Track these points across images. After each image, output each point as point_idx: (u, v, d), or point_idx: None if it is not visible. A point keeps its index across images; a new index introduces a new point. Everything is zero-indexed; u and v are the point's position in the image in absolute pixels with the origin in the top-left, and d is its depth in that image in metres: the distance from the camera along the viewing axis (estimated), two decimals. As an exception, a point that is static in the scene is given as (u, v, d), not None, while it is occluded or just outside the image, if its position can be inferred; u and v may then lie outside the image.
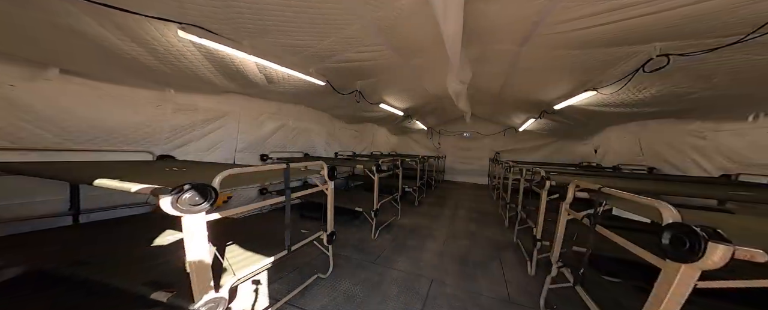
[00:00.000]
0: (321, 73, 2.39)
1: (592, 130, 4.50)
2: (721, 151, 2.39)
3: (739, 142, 2.22)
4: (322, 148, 4.27)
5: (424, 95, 4.22)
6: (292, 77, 2.29)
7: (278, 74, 2.21)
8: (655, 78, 1.94)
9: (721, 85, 1.79)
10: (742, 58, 1.44)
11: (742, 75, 1.60)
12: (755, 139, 2.09)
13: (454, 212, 3.75)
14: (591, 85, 2.41)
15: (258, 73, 2.08)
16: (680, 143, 2.81)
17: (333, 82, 2.68)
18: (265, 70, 2.06)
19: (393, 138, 7.56)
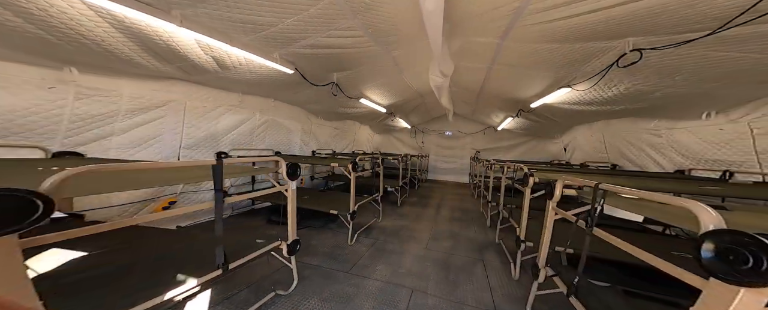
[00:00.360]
0: (288, 60, 2.09)
1: (562, 128, 4.73)
2: (675, 148, 2.55)
3: (691, 140, 2.37)
4: (298, 147, 3.91)
5: (406, 91, 4.07)
6: (251, 63, 1.96)
7: (233, 58, 1.87)
8: (624, 75, 1.98)
9: (682, 83, 1.87)
10: (702, 55, 1.48)
11: (701, 72, 1.67)
12: (705, 137, 2.24)
13: (437, 211, 3.65)
14: (566, 81, 2.43)
15: (203, 55, 1.73)
16: (639, 141, 2.98)
17: (304, 72, 2.39)
18: (213, 51, 1.71)
19: (376, 137, 7.36)
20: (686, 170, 2.44)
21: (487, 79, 3.22)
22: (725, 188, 1.39)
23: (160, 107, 2.04)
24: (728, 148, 2.06)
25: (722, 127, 2.06)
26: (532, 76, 2.63)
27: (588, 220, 0.80)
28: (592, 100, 2.65)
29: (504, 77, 2.96)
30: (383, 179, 4.25)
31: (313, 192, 3.26)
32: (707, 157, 2.25)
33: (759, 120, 1.83)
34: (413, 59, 2.95)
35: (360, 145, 6.12)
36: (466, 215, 3.52)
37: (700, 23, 1.25)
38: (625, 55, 1.60)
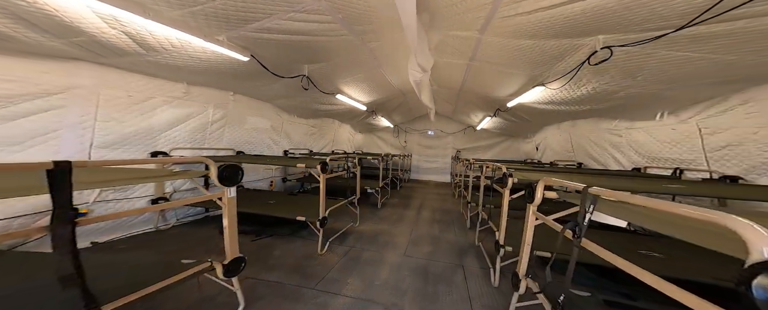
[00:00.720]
0: (241, 46, 1.78)
1: (534, 128, 4.94)
2: (634, 147, 2.69)
3: (647, 139, 2.51)
4: (266, 146, 3.53)
5: (387, 88, 3.90)
6: (189, 46, 1.63)
7: (159, 38, 1.53)
8: (592, 75, 2.02)
9: (642, 83, 1.94)
10: (663, 55, 1.52)
11: (660, 73, 1.72)
12: (659, 137, 2.38)
13: (418, 213, 3.54)
14: (540, 80, 2.45)
15: (109, 29, 1.37)
16: (601, 140, 3.14)
17: (265, 61, 2.09)
18: (123, 26, 1.36)
19: (358, 136, 7.11)
20: (643, 168, 2.59)
21: (466, 76, 3.18)
22: (689, 186, 1.43)
23: (55, 95, 1.60)
24: (679, 147, 2.20)
25: (674, 128, 2.20)
26: (509, 74, 2.62)
27: (576, 230, 0.69)
28: (562, 99, 2.71)
29: (483, 75, 2.93)
30: (363, 181, 4.06)
31: (281, 196, 2.94)
32: (661, 155, 2.39)
33: (706, 120, 1.95)
34: (392, 53, 2.78)
35: (340, 144, 5.83)
36: (447, 215, 3.46)
37: (666, 20, 1.25)
38: (596, 53, 1.59)
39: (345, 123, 5.81)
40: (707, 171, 1.96)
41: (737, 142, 1.74)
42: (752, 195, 1.18)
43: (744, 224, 0.35)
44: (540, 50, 1.92)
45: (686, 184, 1.50)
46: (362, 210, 3.49)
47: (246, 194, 2.92)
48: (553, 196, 0.91)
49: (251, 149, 3.30)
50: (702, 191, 1.29)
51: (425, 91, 3.53)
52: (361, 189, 3.60)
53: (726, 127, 1.81)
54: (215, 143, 2.77)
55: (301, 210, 2.19)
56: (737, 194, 1.21)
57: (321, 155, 4.39)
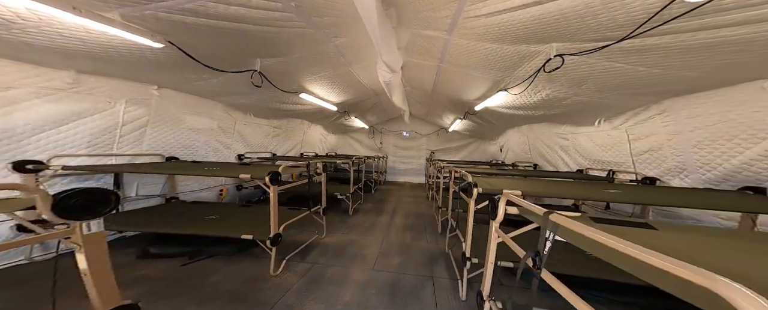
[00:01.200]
0: (152, 29, 1.42)
1: (499, 131, 5.25)
2: (578, 151, 2.97)
3: (588, 143, 2.78)
4: (212, 149, 3.05)
5: (358, 88, 3.71)
6: (58, 22, 1.24)
7: (15, 8, 1.11)
8: (547, 82, 2.13)
9: (586, 92, 2.11)
10: (605, 65, 1.64)
11: (602, 83, 1.86)
12: (597, 141, 2.63)
13: (391, 219, 3.43)
14: (503, 85, 2.53)
15: None
16: (553, 143, 3.43)
17: (194, 50, 1.74)
18: None
19: (331, 137, 6.77)
20: (585, 169, 2.87)
21: (437, 78, 3.17)
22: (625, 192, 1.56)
23: None
24: (612, 151, 2.45)
25: (609, 134, 2.46)
26: (476, 78, 2.66)
27: (536, 260, 0.61)
28: (521, 104, 2.87)
29: (452, 77, 2.94)
30: (333, 186, 3.80)
31: (229, 208, 2.52)
32: (599, 158, 2.65)
33: (633, 128, 2.19)
34: (361, 51, 2.62)
35: (311, 146, 5.46)
36: (420, 220, 3.41)
37: (611, 31, 1.32)
38: (550, 60, 1.66)
39: (316, 124, 5.45)
40: (634, 173, 2.21)
41: (656, 147, 1.97)
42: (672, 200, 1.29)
43: (734, 289, 0.27)
44: (502, 55, 1.95)
45: (621, 188, 1.63)
46: (331, 219, 3.25)
47: (178, 208, 2.41)
48: (515, 211, 0.85)
49: (190, 154, 2.81)
50: (635, 197, 1.41)
51: (397, 93, 3.44)
52: (330, 196, 3.37)
53: (647, 134, 2.05)
54: (132, 148, 2.26)
55: (251, 226, 1.89)
56: (662, 200, 1.32)
57: (286, 158, 4.02)
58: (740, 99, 1.46)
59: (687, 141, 1.73)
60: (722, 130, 1.55)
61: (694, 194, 1.46)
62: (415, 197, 4.95)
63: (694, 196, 1.40)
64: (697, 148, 1.67)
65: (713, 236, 0.75)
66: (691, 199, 1.27)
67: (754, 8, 0.91)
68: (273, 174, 1.64)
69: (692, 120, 1.68)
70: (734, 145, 1.48)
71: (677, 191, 1.66)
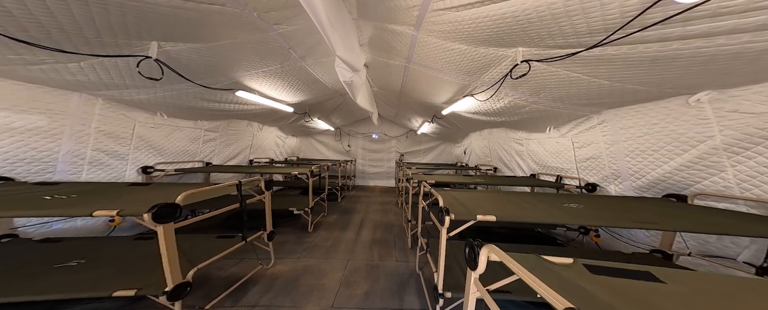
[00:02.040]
0: None
1: (463, 134, 5.46)
2: (531, 156, 3.14)
3: (539, 149, 2.94)
4: (86, 162, 2.10)
5: (318, 88, 3.27)
6: None
7: None
8: (510, 89, 2.13)
9: (542, 101, 2.20)
10: (562, 75, 1.67)
11: (557, 91, 1.92)
12: (548, 148, 2.79)
13: (358, 233, 3.10)
14: (469, 90, 2.48)
15: None
16: (510, 148, 3.60)
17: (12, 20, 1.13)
18: None
19: (291, 140, 6.05)
20: (537, 174, 3.05)
21: (405, 79, 2.98)
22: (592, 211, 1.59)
23: None
24: (560, 157, 2.62)
25: (557, 141, 2.66)
26: (443, 82, 2.55)
27: None
28: (485, 110, 2.90)
29: (420, 79, 2.78)
30: (291, 198, 3.28)
31: (114, 243, 1.69)
32: (549, 164, 2.83)
33: (578, 136, 2.34)
34: (318, 45, 2.22)
35: (264, 151, 4.71)
36: (389, 232, 3.17)
37: (581, 37, 1.28)
38: (517, 66, 1.60)
39: (270, 126, 4.73)
40: (577, 178, 2.37)
41: (596, 155, 2.12)
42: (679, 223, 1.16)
43: None
44: (470, 58, 1.84)
45: (579, 200, 1.60)
46: (285, 238, 2.76)
47: (22, 251, 1.54)
48: (497, 259, 0.64)
49: (39, 171, 1.85)
50: (602, 216, 1.44)
51: (362, 95, 3.14)
52: (284, 212, 2.86)
53: (589, 142, 2.20)
54: None
55: (141, 272, 1.30)
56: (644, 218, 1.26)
57: (225, 169, 3.30)
58: (665, 113, 1.60)
59: (621, 150, 1.89)
60: (650, 142, 1.68)
61: (627, 203, 1.56)
62: (384, 204, 4.72)
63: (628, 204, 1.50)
64: (629, 157, 1.83)
65: (729, 287, 0.63)
66: (696, 217, 1.20)
67: (721, 19, 0.90)
68: (161, 210, 1.06)
69: (625, 131, 1.84)
70: (660, 155, 1.63)
71: (616, 200, 1.76)
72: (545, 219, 1.23)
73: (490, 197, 1.69)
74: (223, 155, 3.60)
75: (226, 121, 3.48)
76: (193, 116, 3.00)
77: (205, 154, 3.29)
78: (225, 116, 3.32)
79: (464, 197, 1.58)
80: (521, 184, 2.87)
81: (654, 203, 1.55)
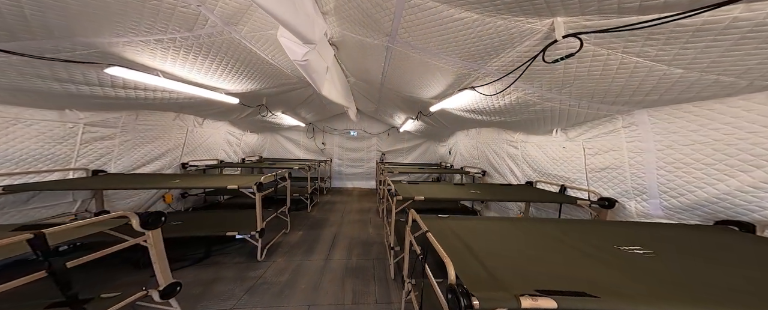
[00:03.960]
0: None
1: (449, 133, 5.07)
2: (527, 161, 2.76)
3: (539, 154, 2.56)
4: None
5: (272, 74, 2.46)
6: None
7: None
8: (523, 81, 1.63)
9: (565, 97, 1.67)
10: (613, 59, 1.19)
11: (591, 84, 1.41)
12: (549, 153, 2.42)
13: (327, 257, 2.48)
14: (469, 81, 1.97)
15: None
16: (501, 151, 3.22)
17: None
18: None
19: (250, 137, 5.05)
20: (534, 182, 2.69)
21: (387, 68, 2.35)
22: None
23: None
24: (565, 165, 2.26)
25: (564, 146, 2.30)
26: (436, 69, 1.98)
27: None
28: (483, 108, 2.43)
29: (406, 67, 2.16)
30: (236, 214, 2.39)
31: None
32: (550, 171, 2.47)
33: (591, 141, 1.98)
34: (253, 4, 1.46)
35: (208, 151, 3.74)
36: (368, 253, 2.60)
37: None
38: (556, 43, 1.10)
39: (215, 119, 3.74)
40: (587, 191, 2.02)
41: (616, 165, 1.76)
42: None
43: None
44: (478, 34, 1.29)
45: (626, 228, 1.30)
46: (220, 273, 2.02)
47: None
48: None
49: None
50: None
51: (330, 85, 2.44)
52: (219, 238, 2.10)
53: (607, 149, 1.83)
54: None
55: None
56: None
57: (154, 178, 2.36)
58: (738, 114, 1.15)
59: (652, 161, 1.52)
60: (704, 152, 1.29)
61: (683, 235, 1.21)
62: (363, 212, 4.13)
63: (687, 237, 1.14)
64: (664, 170, 1.47)
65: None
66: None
67: None
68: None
69: (663, 137, 1.45)
70: (716, 171, 1.27)
71: (646, 226, 1.43)
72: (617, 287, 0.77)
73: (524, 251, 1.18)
74: (132, 158, 2.60)
75: (133, 113, 2.48)
76: (55, 104, 1.98)
77: (89, 158, 2.26)
78: (125, 106, 2.32)
79: (456, 224, 1.05)
80: (518, 198, 2.43)
81: (712, 234, 1.21)
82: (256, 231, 2.15)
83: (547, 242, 1.13)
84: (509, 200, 2.76)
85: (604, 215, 1.83)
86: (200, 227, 2.16)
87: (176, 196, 3.18)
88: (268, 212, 2.64)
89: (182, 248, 2.25)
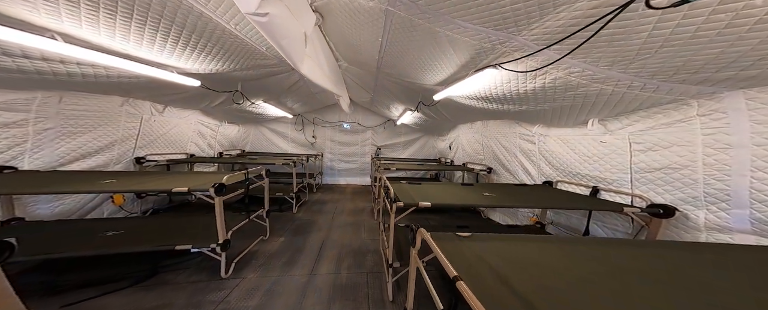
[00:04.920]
0: None
1: (450, 126, 4.67)
2: (545, 157, 2.37)
3: (563, 150, 2.18)
4: None
5: (241, 50, 1.93)
6: None
7: None
8: (574, 56, 1.22)
9: (624, 76, 1.25)
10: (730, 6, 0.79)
11: (669, 57, 1.02)
12: (579, 148, 2.04)
13: (315, 263, 2.08)
14: (493, 57, 1.53)
15: None
16: (512, 146, 2.82)
17: None
18: None
19: (229, 129, 4.50)
20: (554, 182, 2.31)
21: (386, 42, 1.88)
22: None
23: None
24: (601, 163, 1.87)
25: (602, 140, 1.88)
26: (449, 43, 1.54)
27: None
28: (501, 95, 2.00)
29: (411, 42, 1.70)
30: (194, 218, 1.78)
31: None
32: (576, 170, 2.08)
33: (643, 134, 1.56)
34: None
35: (173, 143, 3.21)
36: (361, 264, 2.20)
37: None
38: None
39: (181, 108, 3.19)
40: (630, 194, 1.64)
41: (682, 164, 1.37)
42: None
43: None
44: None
45: None
46: (173, 296, 1.57)
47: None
48: None
49: None
50: None
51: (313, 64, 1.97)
52: (166, 253, 1.67)
53: (666, 144, 1.44)
54: None
55: None
56: None
57: (59, 177, 1.86)
58: None
59: (745, 160, 1.14)
60: None
61: None
62: (356, 213, 3.72)
63: None
64: (763, 172, 1.10)
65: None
66: None
67: None
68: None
69: (767, 129, 1.08)
70: None
71: None
72: None
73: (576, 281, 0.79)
74: (57, 151, 2.04)
75: (54, 95, 1.92)
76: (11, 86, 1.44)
77: (26, 148, 1.79)
78: (40, 84, 1.76)
79: (473, 245, 0.67)
80: (542, 204, 1.92)
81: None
82: (216, 244, 1.70)
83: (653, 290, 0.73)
84: (559, 208, 2.19)
85: (657, 227, 1.47)
86: (142, 238, 1.68)
87: (131, 196, 2.66)
88: (240, 217, 2.19)
89: (119, 265, 1.78)
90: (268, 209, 2.58)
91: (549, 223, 2.40)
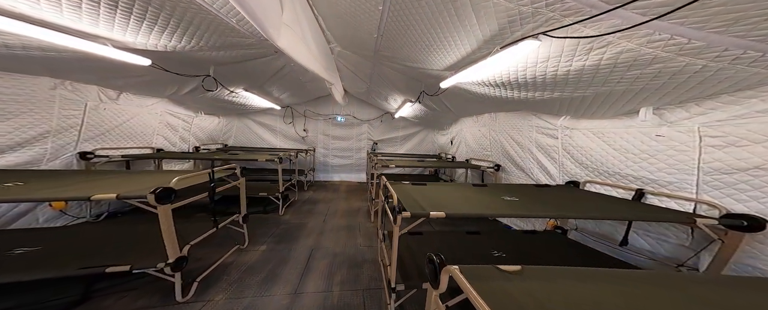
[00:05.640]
0: None
1: (452, 119, 4.34)
2: (570, 153, 2.04)
3: (596, 145, 1.83)
4: None
5: (204, 22, 1.47)
6: None
7: None
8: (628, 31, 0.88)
9: (696, 52, 0.95)
10: None
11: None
12: (618, 143, 1.69)
13: (301, 278, 1.73)
14: (538, 23, 1.14)
15: None
16: (526, 141, 2.48)
17: None
18: None
19: (208, 120, 4.02)
20: (581, 183, 1.97)
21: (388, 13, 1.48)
22: None
23: None
24: (651, 161, 1.52)
25: (659, 133, 1.56)
26: (473, 6, 1.16)
27: None
28: (530, 78, 1.62)
29: (418, 10, 1.31)
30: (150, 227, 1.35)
31: None
32: (613, 169, 1.74)
33: (720, 125, 1.22)
34: None
35: (134, 136, 2.74)
36: (356, 280, 1.84)
37: None
38: None
39: (142, 95, 2.70)
40: (693, 200, 1.32)
41: None
42: None
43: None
44: None
45: None
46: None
47: None
48: None
49: None
50: None
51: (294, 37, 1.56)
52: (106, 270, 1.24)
53: (762, 138, 1.11)
54: None
55: None
56: None
57: None
58: None
59: None
60: None
61: None
62: (350, 215, 3.37)
63: None
64: None
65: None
66: None
67: None
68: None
69: None
70: None
71: None
72: None
73: None
74: (25, 136, 1.65)
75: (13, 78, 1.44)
76: None
77: None
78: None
79: None
80: (583, 213, 1.44)
81: None
82: (165, 263, 1.30)
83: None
84: (602, 218, 1.73)
85: (737, 242, 1.17)
86: (64, 257, 1.27)
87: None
88: (208, 225, 1.79)
89: (40, 290, 1.37)
90: (245, 214, 2.18)
91: (573, 228, 2.11)
